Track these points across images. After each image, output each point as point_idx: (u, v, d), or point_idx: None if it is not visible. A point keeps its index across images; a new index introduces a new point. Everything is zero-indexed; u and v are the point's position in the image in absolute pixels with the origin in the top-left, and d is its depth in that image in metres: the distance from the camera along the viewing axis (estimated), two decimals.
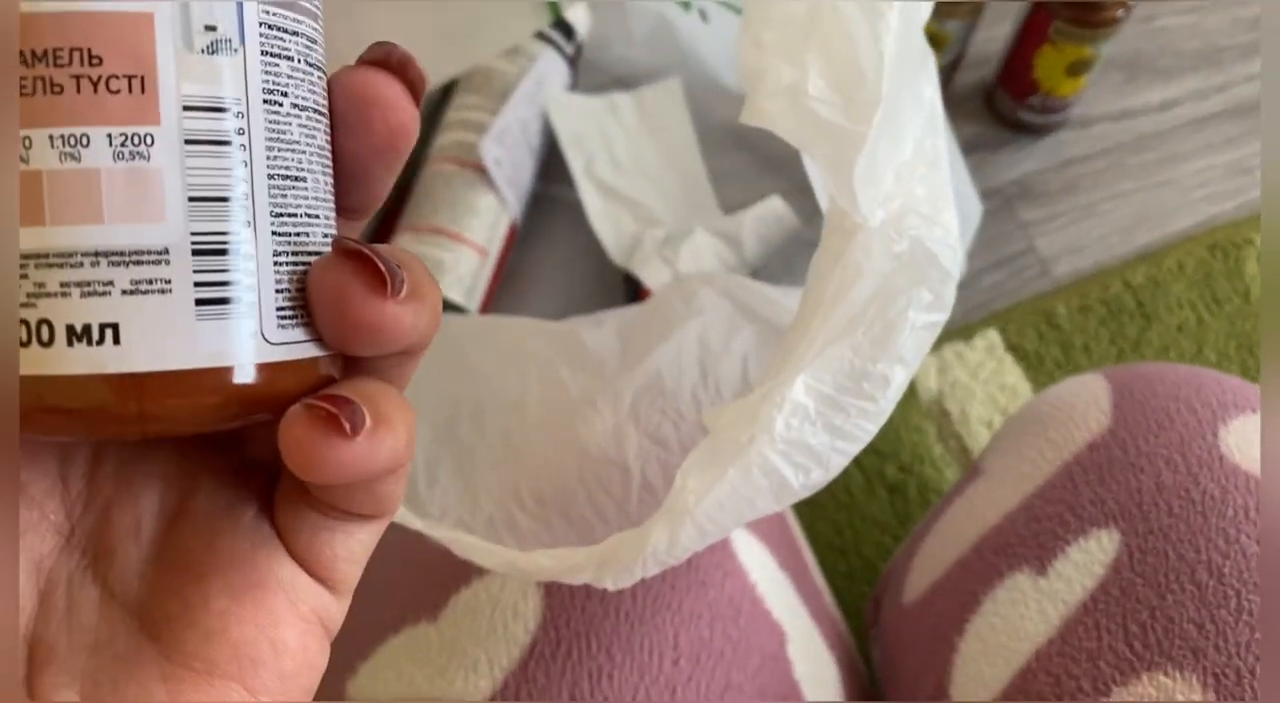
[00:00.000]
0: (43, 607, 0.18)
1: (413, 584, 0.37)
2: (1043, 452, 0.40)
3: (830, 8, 0.30)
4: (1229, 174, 0.73)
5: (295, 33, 0.18)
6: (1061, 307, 0.66)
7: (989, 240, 0.69)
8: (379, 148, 0.18)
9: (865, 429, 0.30)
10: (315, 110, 0.18)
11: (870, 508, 0.60)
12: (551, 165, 0.67)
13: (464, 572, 0.36)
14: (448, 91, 0.68)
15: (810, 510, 0.60)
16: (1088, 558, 0.36)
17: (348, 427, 0.16)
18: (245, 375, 0.17)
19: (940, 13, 0.64)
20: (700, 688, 0.34)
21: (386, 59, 0.18)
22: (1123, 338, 0.65)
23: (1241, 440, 0.37)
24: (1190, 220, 0.71)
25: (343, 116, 0.18)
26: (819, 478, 0.31)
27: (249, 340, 0.17)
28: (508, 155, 0.63)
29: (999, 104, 0.72)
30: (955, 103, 0.73)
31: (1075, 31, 0.64)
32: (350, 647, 0.36)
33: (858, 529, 0.59)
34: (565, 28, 0.69)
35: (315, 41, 0.18)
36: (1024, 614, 0.36)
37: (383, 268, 0.17)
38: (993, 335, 0.65)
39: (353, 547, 0.20)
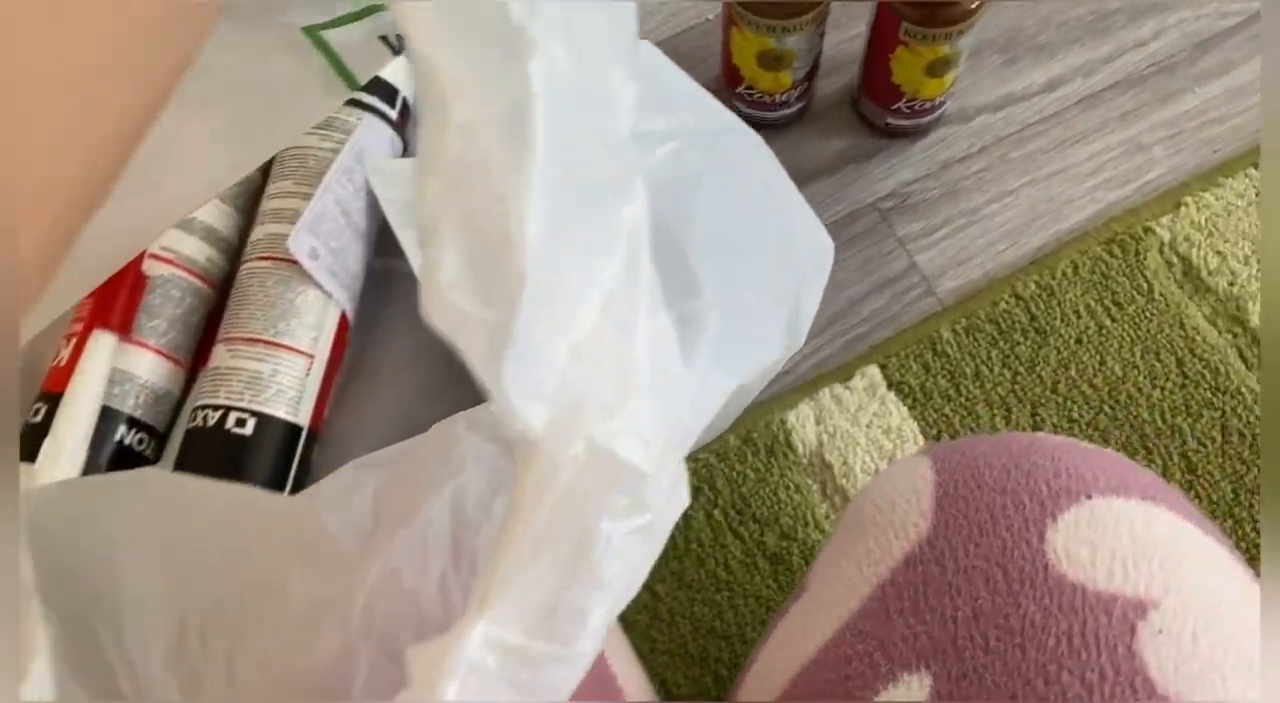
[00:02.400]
0: None
1: None
2: (861, 567, 0.37)
3: (478, 152, 0.24)
4: (1125, 153, 0.67)
5: None
6: (946, 331, 0.61)
7: (865, 263, 0.64)
8: None
9: (563, 678, 0.26)
10: None
11: (752, 584, 0.56)
12: (389, 239, 0.63)
13: None
14: (267, 176, 0.63)
15: (686, 594, 0.56)
16: None
17: None
18: None
19: (776, 30, 0.59)
20: None
21: None
22: (1016, 360, 0.60)
23: (1070, 540, 0.33)
24: (1086, 213, 0.65)
25: None
26: None
27: None
28: (325, 244, 0.58)
29: (866, 111, 0.67)
30: (820, 114, 0.68)
31: (926, 32, 0.58)
32: None
33: (740, 610, 0.55)
34: (386, 90, 0.63)
35: None
36: None
37: None
38: (873, 372, 0.60)
39: None
